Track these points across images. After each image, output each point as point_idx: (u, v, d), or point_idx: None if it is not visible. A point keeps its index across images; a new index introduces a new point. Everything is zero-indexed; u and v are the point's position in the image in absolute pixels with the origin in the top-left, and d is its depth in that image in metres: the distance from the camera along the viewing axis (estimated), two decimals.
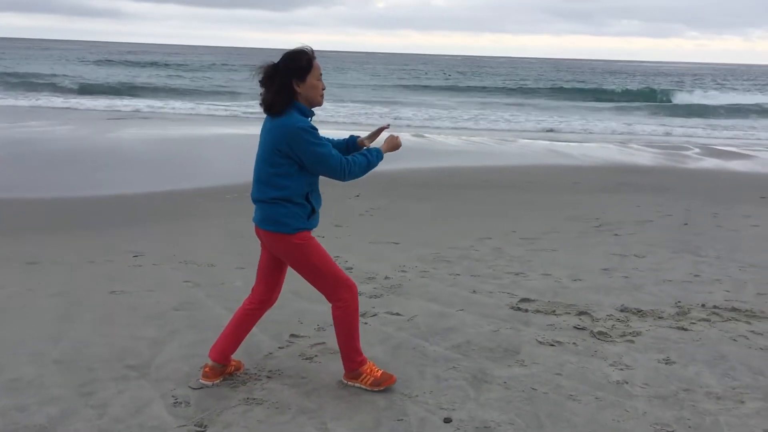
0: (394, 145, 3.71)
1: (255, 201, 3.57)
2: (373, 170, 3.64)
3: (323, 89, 3.54)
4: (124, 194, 9.86)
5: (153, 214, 8.71)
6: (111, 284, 5.64)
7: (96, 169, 11.92)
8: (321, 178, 3.57)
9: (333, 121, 22.38)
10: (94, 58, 61.15)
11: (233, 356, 3.89)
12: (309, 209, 3.52)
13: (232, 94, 32.48)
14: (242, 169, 12.11)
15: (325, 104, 3.74)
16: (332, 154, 3.43)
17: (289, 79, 3.41)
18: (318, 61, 3.49)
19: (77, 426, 3.31)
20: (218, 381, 3.76)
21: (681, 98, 36.90)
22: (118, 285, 5.62)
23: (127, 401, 3.56)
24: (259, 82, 3.46)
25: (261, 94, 3.49)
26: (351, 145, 3.80)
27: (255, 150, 3.55)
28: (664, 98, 37.10)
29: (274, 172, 3.44)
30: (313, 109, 3.54)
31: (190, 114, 24.24)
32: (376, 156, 3.60)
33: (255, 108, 25.91)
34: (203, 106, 26.56)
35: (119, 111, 24.08)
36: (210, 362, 3.78)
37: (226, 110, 25.21)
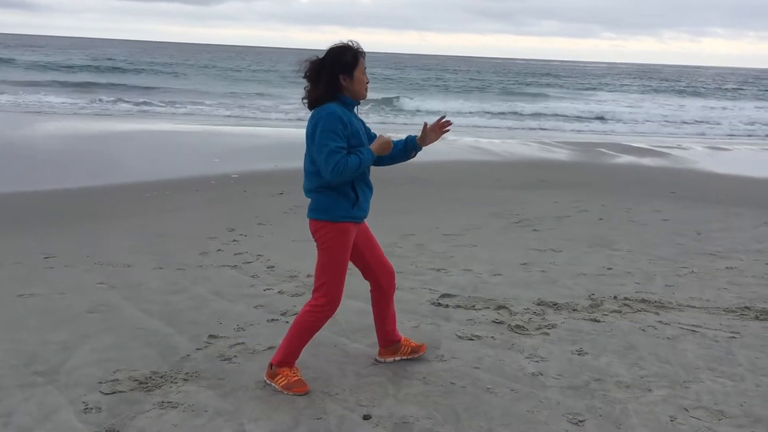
0: (383, 144, 3.61)
1: (305, 192, 3.64)
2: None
3: (368, 83, 3.63)
4: (35, 191, 9.45)
5: (66, 213, 8.38)
6: (20, 287, 5.39)
7: (1, 165, 11.38)
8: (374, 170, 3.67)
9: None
10: None
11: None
12: (353, 198, 3.56)
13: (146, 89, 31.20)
14: (160, 167, 11.86)
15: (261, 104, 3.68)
16: (333, 149, 3.37)
17: (335, 75, 3.49)
18: (362, 56, 3.57)
19: None
20: (396, 358, 4.07)
21: (403, 104, 31.98)
22: (27, 288, 5.38)
23: (34, 409, 3.42)
24: (304, 77, 3.52)
25: (305, 88, 3.54)
26: (410, 143, 3.83)
27: (172, 147, 3.48)
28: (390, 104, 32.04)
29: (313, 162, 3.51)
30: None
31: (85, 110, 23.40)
32: (368, 157, 3.52)
33: (169, 105, 25.38)
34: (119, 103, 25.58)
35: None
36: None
37: (137, 107, 24.31)
